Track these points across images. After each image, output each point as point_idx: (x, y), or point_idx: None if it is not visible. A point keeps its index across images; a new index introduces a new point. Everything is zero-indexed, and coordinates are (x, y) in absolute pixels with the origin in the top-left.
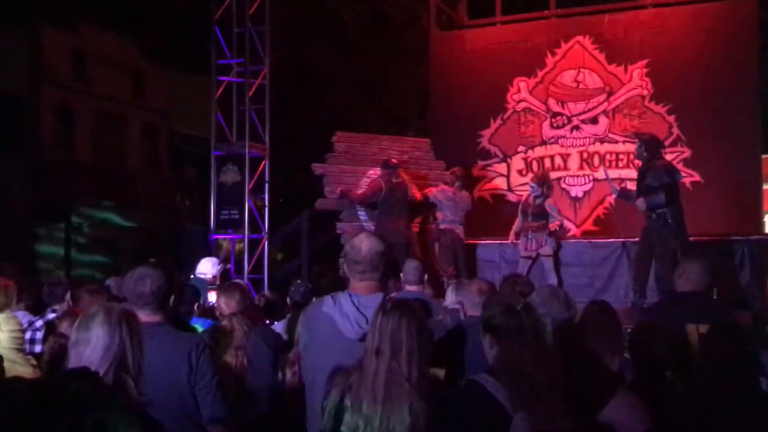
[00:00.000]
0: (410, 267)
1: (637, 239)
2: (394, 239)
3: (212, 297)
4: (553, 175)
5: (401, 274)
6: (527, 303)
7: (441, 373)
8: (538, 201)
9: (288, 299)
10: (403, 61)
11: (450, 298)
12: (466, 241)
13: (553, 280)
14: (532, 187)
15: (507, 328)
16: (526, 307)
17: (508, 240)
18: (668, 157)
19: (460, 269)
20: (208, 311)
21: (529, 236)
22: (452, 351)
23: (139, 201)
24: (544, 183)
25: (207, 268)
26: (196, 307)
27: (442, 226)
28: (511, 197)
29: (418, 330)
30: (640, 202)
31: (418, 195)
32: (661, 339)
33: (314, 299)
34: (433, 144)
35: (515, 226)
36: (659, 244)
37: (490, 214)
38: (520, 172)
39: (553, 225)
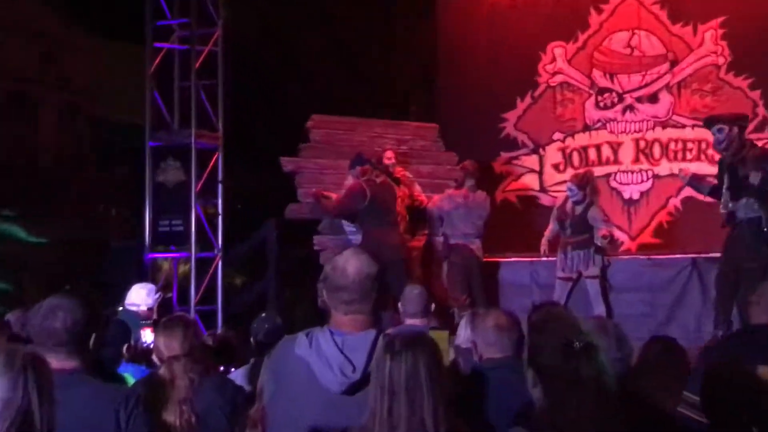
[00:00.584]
0: (411, 294)
1: (715, 254)
2: (388, 257)
3: (148, 336)
4: (600, 170)
5: (399, 304)
6: (590, 342)
7: None
8: (578, 209)
9: (251, 339)
10: (401, 25)
11: (463, 335)
12: (485, 259)
13: (600, 309)
14: (570, 190)
15: (561, 373)
16: (588, 347)
17: (540, 253)
18: None
19: (477, 297)
20: (143, 354)
21: (569, 253)
22: (469, 404)
23: (51, 209)
24: (586, 185)
25: (140, 297)
26: (125, 349)
27: (452, 241)
28: (545, 200)
29: (440, 372)
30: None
31: (422, 198)
32: (742, 386)
33: (285, 338)
34: (441, 131)
35: (547, 233)
36: (749, 259)
37: (518, 223)
38: (556, 167)
39: (603, 231)
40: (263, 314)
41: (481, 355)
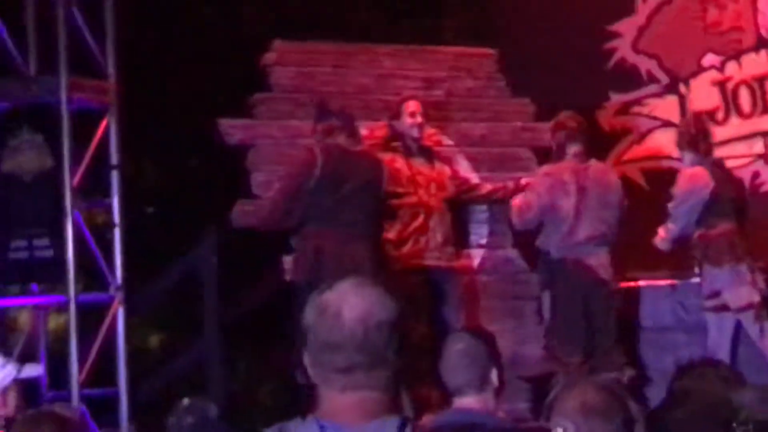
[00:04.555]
0: (453, 352)
1: None
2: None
3: None
4: None
5: (442, 373)
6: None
7: None
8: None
9: None
10: None
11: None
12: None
13: None
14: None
15: None
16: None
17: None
18: None
19: (608, 351)
20: None
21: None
22: None
23: None
24: (693, 141)
25: None
26: None
27: (556, 255)
28: None
29: None
30: None
31: (472, 183)
32: None
33: None
34: (502, 61)
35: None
36: None
37: (646, 219)
38: (712, 115)
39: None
40: (186, 402)
41: None
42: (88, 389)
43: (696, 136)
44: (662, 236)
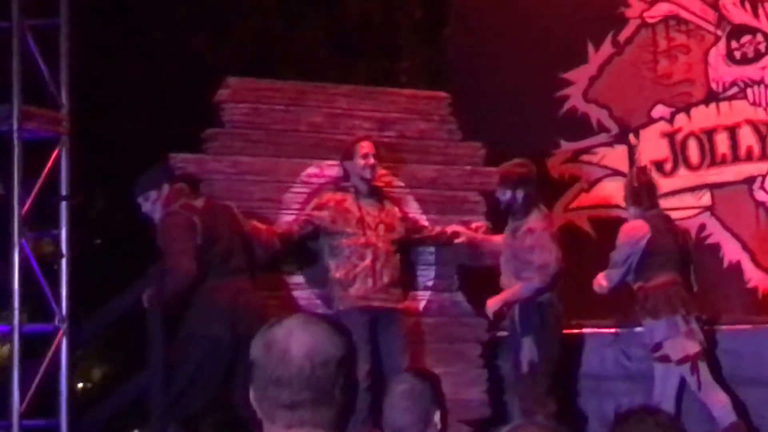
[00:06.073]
0: (397, 392)
1: None
2: (243, 324)
3: None
4: (737, 172)
5: (385, 414)
6: None
7: None
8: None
9: None
10: None
11: None
12: None
13: (719, 412)
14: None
15: None
16: None
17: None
18: None
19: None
20: None
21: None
22: None
23: None
24: (636, 195)
25: None
26: None
27: (549, 300)
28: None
29: None
30: None
31: (421, 226)
32: None
33: None
34: (454, 104)
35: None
36: None
37: (592, 266)
38: (659, 165)
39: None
40: None
41: None
42: (29, 420)
43: (638, 190)
44: (601, 284)
